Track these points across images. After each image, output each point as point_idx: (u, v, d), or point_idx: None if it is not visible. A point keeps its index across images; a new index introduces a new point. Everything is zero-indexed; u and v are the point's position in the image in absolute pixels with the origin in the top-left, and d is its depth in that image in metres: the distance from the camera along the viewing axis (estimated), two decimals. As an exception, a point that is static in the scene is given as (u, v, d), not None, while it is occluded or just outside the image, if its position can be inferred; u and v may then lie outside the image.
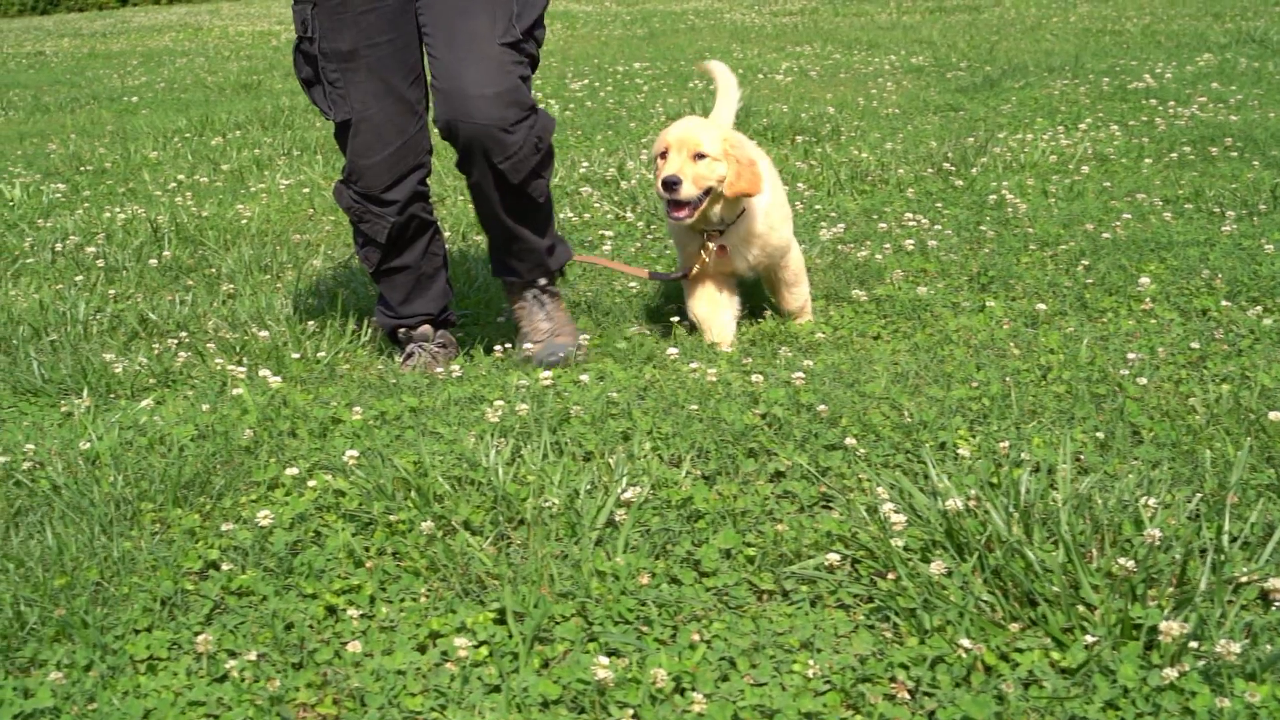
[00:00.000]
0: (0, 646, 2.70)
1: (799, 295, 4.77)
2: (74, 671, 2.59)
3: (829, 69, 12.53)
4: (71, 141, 10.49)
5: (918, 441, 3.49)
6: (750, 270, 4.65)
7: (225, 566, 2.98)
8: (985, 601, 2.68)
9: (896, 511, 3.00)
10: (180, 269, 6.12)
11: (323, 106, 4.35)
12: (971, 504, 2.99)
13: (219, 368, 4.51)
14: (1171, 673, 2.38)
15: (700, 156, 4.23)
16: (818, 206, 6.58)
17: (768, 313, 4.82)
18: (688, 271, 4.61)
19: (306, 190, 7.79)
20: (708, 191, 4.30)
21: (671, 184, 4.19)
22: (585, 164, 7.98)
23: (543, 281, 4.64)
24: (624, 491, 3.21)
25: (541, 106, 4.60)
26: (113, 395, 4.34)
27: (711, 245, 4.49)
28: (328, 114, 4.33)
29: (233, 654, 2.66)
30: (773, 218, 4.54)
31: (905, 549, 2.87)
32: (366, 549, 3.08)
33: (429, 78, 4.27)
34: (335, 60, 4.24)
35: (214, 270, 6.02)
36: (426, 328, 4.67)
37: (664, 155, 4.28)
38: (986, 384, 3.88)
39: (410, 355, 4.64)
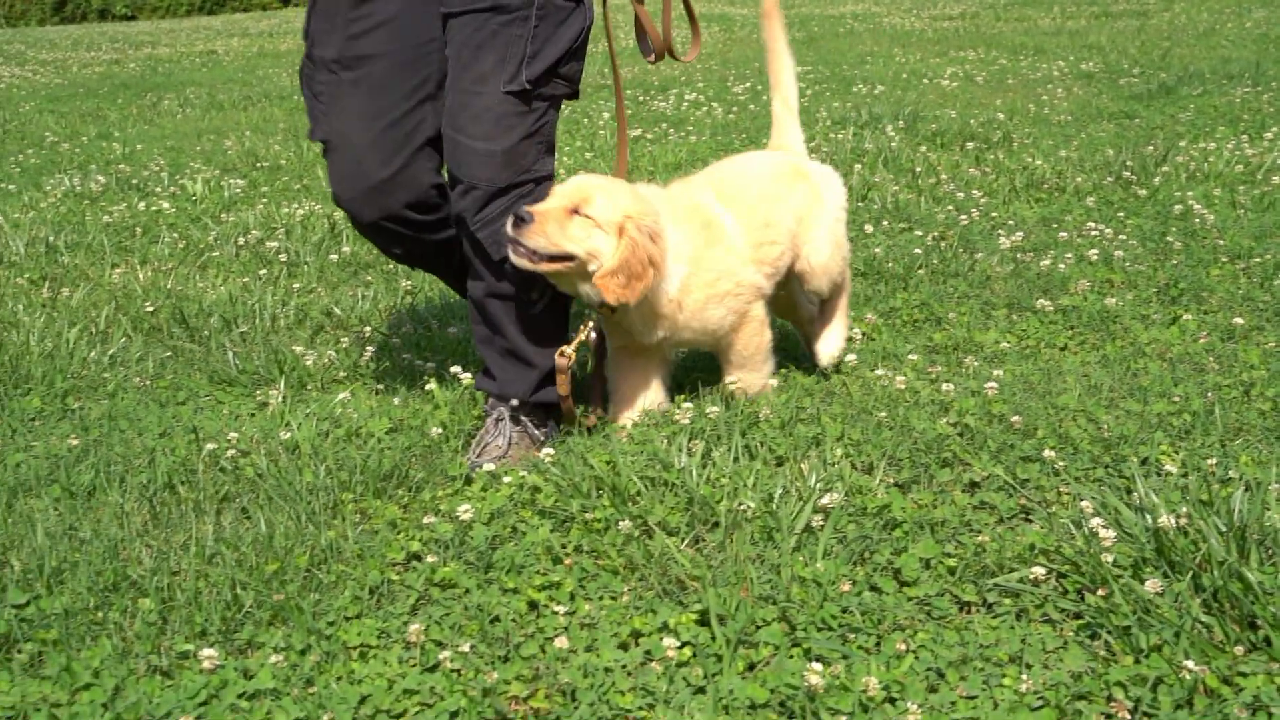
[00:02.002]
0: (219, 628, 2.78)
1: (747, 379, 3.94)
2: (291, 655, 2.67)
3: (995, 75, 12.33)
4: (246, 138, 10.79)
5: (1118, 456, 3.41)
6: (672, 349, 3.94)
7: (429, 559, 3.03)
8: (1203, 623, 2.61)
9: (1105, 527, 2.94)
10: (359, 264, 6.25)
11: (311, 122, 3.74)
12: (1182, 521, 2.92)
13: (406, 362, 4.60)
14: None
15: (576, 214, 3.48)
16: (994, 214, 6.48)
17: (945, 325, 4.76)
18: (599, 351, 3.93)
19: (477, 190, 7.90)
20: (565, 259, 3.48)
21: (519, 221, 3.41)
22: (753, 167, 7.96)
23: (514, 402, 3.79)
24: (821, 497, 3.19)
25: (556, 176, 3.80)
26: (305, 387, 4.45)
27: (586, 326, 3.81)
28: (311, 133, 3.72)
29: (440, 644, 2.71)
30: (692, 295, 3.69)
31: (1114, 565, 2.81)
32: (564, 546, 3.11)
33: None
34: (324, 69, 3.64)
35: (392, 267, 6.14)
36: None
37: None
38: (1186, 399, 3.78)
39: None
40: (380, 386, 4.35)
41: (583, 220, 3.46)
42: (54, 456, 3.83)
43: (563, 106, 3.89)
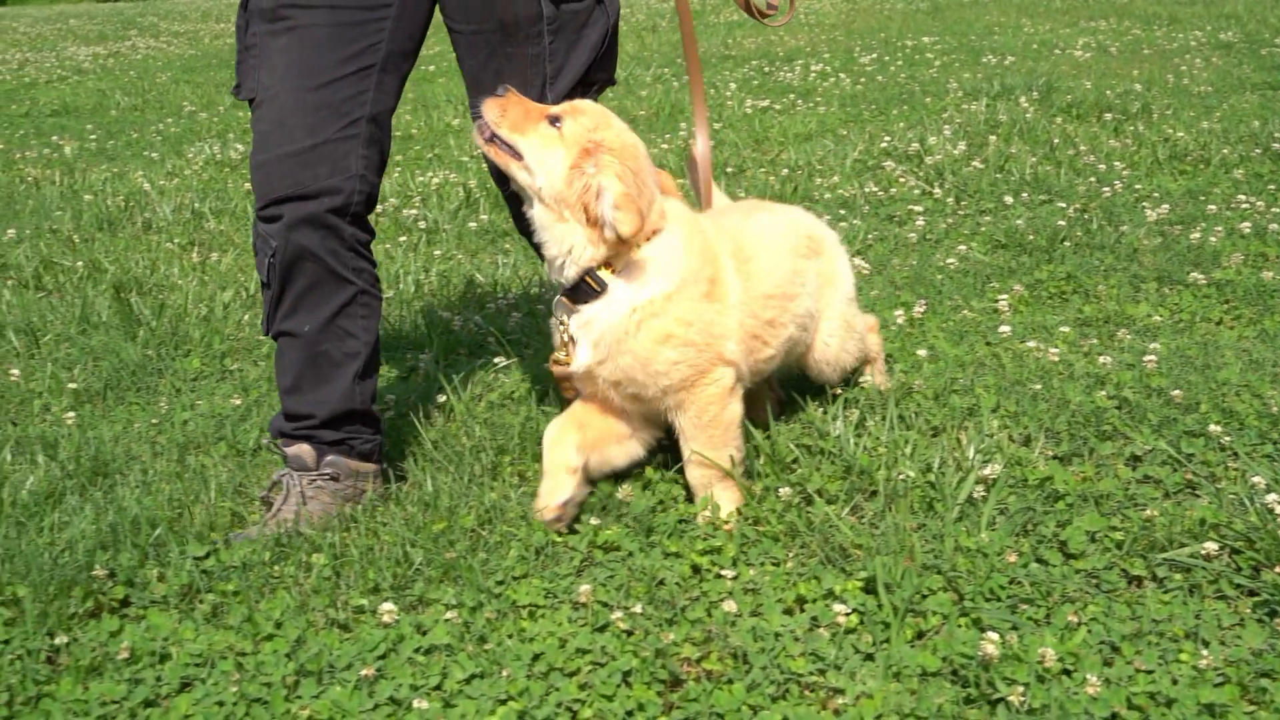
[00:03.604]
0: (392, 584, 2.85)
1: (708, 454, 3.14)
2: (463, 612, 2.72)
3: (1129, 45, 12.06)
4: (377, 109, 10.93)
5: (1288, 432, 3.34)
6: (622, 400, 3.18)
7: (592, 521, 3.07)
8: (1388, 602, 2.55)
9: (1280, 503, 2.88)
10: (496, 232, 6.32)
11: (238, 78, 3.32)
12: (1363, 500, 2.85)
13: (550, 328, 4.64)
14: None
15: (553, 123, 3.04)
16: (1137, 186, 6.35)
17: (1093, 298, 4.68)
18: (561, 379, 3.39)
19: (608, 159, 7.92)
20: (512, 154, 3.05)
21: (490, 105, 3.07)
22: (886, 138, 7.90)
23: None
24: (982, 468, 3.17)
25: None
26: (454, 354, 4.51)
27: (565, 328, 3.14)
28: (236, 89, 3.30)
29: (607, 605, 2.74)
30: (656, 322, 3.04)
31: (1291, 542, 2.76)
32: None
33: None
34: (259, 19, 3.21)
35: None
36: (303, 449, 3.30)
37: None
38: (1355, 376, 3.68)
39: (269, 499, 3.31)
40: (529, 351, 4.40)
41: (550, 130, 3.03)
42: (218, 415, 3.93)
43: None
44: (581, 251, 3.02)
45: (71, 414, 3.94)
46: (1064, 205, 5.99)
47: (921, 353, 4.04)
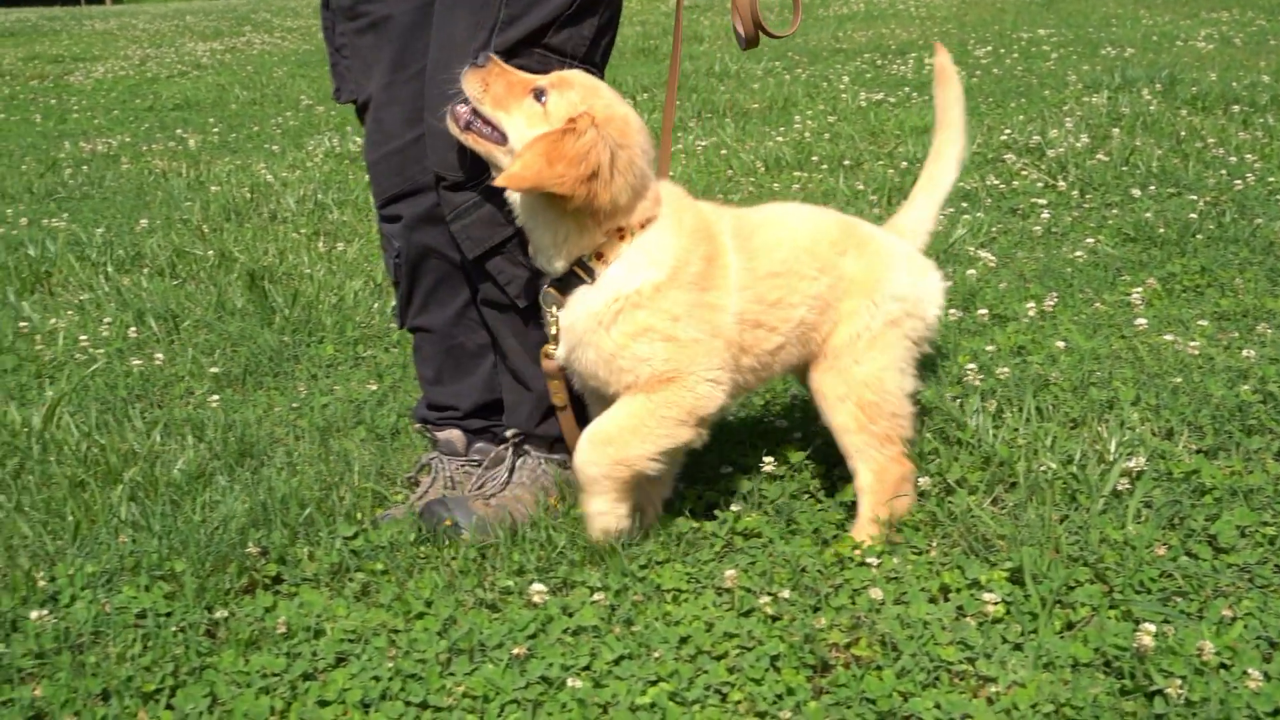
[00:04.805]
0: (536, 566, 2.88)
1: (624, 432, 2.83)
2: (609, 594, 2.75)
3: (1254, 36, 11.80)
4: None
5: None
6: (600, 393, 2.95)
7: (733, 508, 3.08)
8: None
9: None
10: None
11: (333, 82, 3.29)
12: None
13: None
14: None
15: (539, 97, 2.78)
16: (1270, 179, 6.21)
17: (1230, 292, 4.59)
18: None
19: (724, 152, 7.93)
20: (495, 136, 2.81)
21: (470, 78, 2.80)
22: (1006, 130, 7.81)
23: (511, 432, 3.27)
24: (1126, 460, 3.13)
25: None
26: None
27: (555, 320, 2.90)
28: (336, 94, 3.28)
29: (750, 591, 2.75)
30: (638, 314, 2.79)
31: None
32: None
33: None
34: (341, 18, 3.17)
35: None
36: (454, 434, 3.36)
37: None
38: None
39: (416, 480, 3.35)
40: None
41: (535, 107, 2.77)
42: (355, 400, 4.01)
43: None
44: (574, 240, 2.80)
45: (215, 397, 4.04)
46: (1194, 198, 5.89)
47: (1060, 344, 3.99)
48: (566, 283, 2.85)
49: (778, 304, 2.91)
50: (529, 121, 2.75)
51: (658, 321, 2.77)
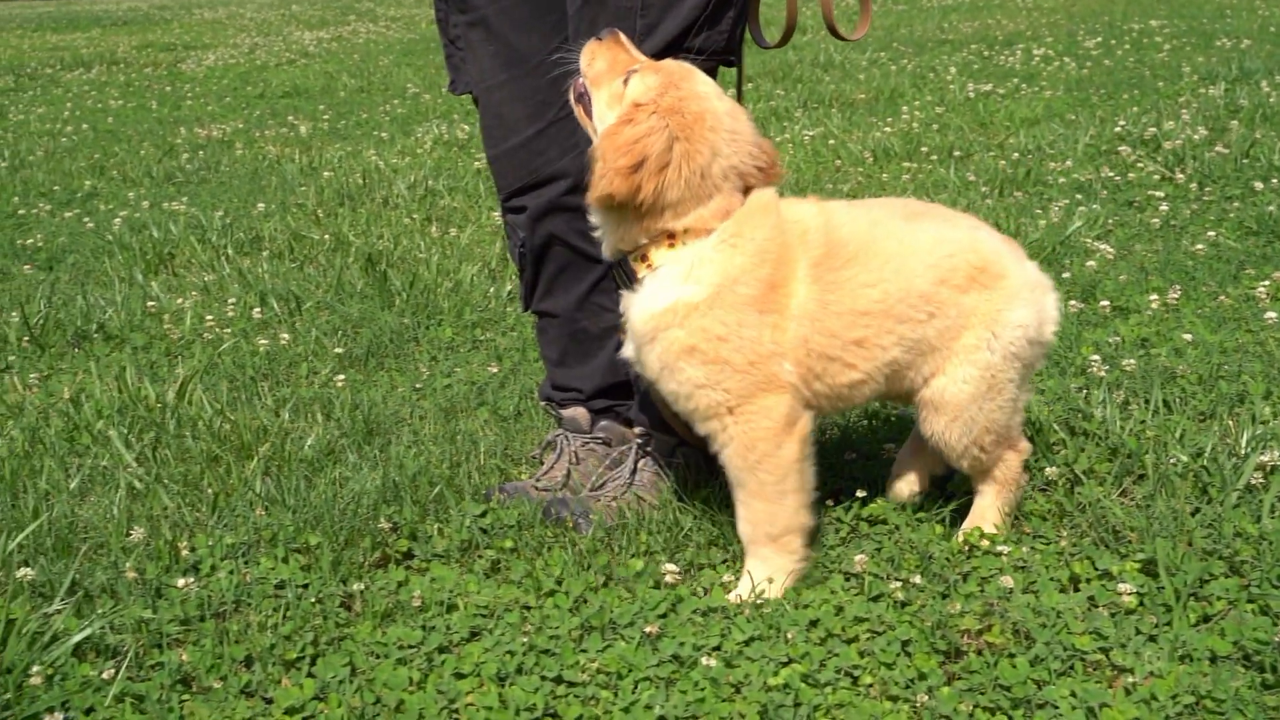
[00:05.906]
0: (663, 547, 2.91)
1: (751, 506, 2.70)
2: (737, 577, 2.76)
3: (1374, 27, 11.51)
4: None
5: None
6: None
7: (859, 493, 3.08)
8: None
9: None
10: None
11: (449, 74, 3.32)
12: None
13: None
14: None
15: (629, 79, 2.68)
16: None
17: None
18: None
19: (831, 142, 7.91)
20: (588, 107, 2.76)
21: (585, 51, 2.75)
22: (1120, 122, 7.69)
23: (637, 430, 3.28)
24: (1260, 454, 3.09)
25: None
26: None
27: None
28: (451, 86, 3.32)
29: (878, 576, 2.75)
30: (685, 334, 2.60)
31: None
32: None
33: None
34: (454, 10, 3.20)
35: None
36: (579, 412, 3.41)
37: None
38: None
39: (540, 458, 3.43)
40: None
41: (618, 88, 2.68)
42: (475, 382, 4.06)
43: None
44: (611, 229, 2.69)
45: (340, 377, 4.12)
46: (1320, 191, 5.77)
47: (1187, 337, 3.94)
48: (619, 274, 2.74)
49: (861, 343, 2.68)
50: (609, 102, 2.68)
51: (701, 342, 2.58)
